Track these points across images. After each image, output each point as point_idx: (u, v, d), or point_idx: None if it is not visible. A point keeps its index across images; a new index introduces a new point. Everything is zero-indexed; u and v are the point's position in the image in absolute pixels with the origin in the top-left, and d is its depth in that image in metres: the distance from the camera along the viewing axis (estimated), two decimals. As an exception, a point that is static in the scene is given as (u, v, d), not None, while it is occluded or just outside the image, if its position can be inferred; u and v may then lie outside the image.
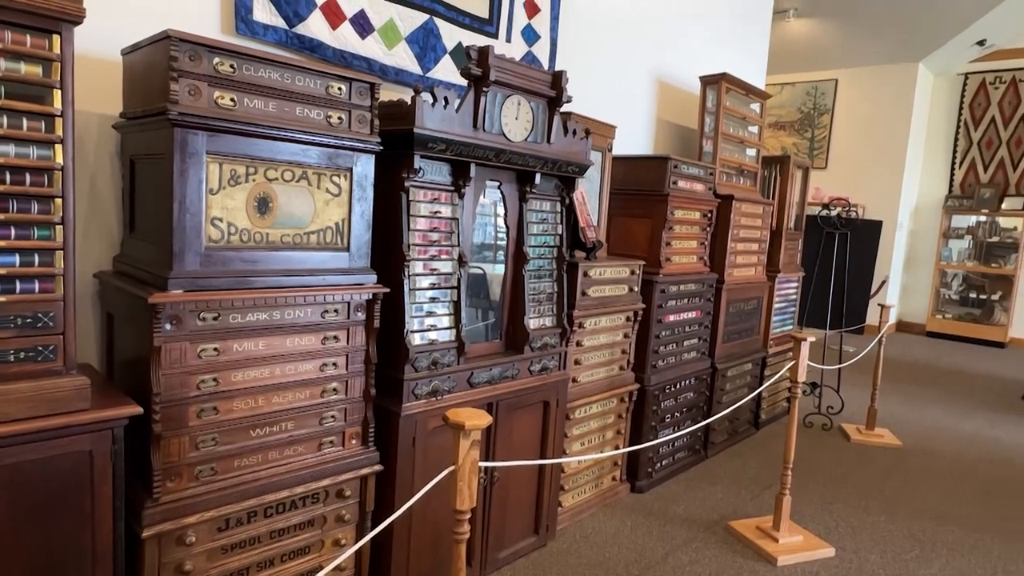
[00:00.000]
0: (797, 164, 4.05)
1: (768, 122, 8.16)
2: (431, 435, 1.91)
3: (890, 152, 7.36)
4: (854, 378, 4.94)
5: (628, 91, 3.45)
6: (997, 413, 4.63)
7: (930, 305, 7.62)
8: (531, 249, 2.20)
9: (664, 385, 3.01)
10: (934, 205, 7.70)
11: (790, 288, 4.07)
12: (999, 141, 7.28)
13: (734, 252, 3.39)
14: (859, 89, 7.57)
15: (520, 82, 1.98)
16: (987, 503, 3.11)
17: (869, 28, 6.67)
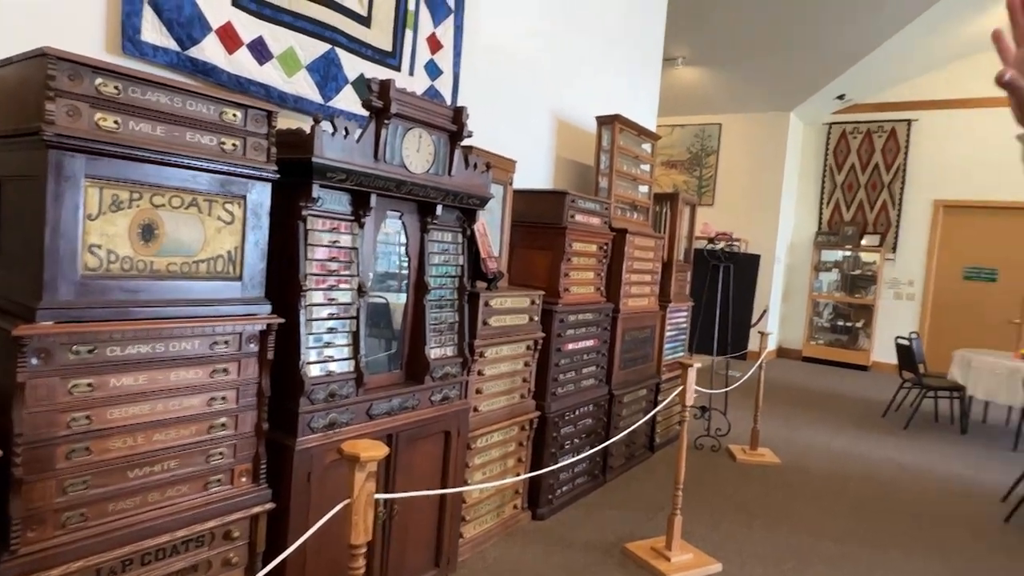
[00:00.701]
0: (686, 201, 4.33)
1: (661, 160, 8.69)
2: (328, 469, 1.86)
3: (768, 192, 8.03)
4: (740, 401, 5.27)
5: (529, 127, 3.58)
6: (863, 431, 5.08)
7: (805, 332, 8.29)
8: (432, 279, 2.22)
9: (564, 412, 3.09)
10: (807, 241, 8.43)
11: (681, 317, 4.31)
12: (858, 184, 8.12)
13: (629, 283, 3.56)
14: (740, 133, 8.23)
15: (422, 116, 2.02)
16: (856, 515, 3.39)
17: (748, 79, 7.31)
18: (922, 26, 6.13)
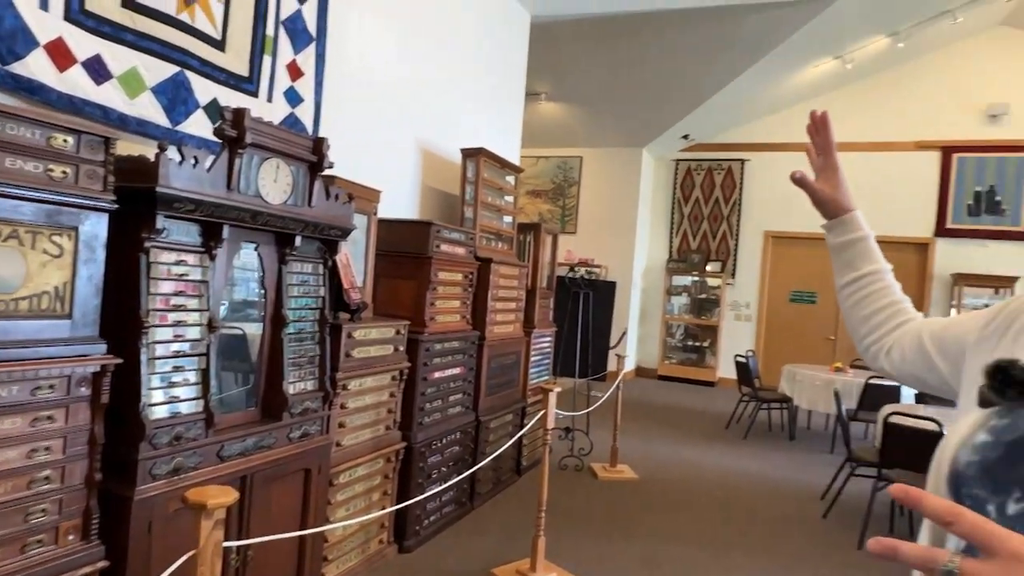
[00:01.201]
0: (548, 230, 4.54)
1: (527, 189, 9.02)
2: (172, 519, 1.73)
3: (625, 221, 8.59)
4: (603, 420, 5.54)
5: (395, 158, 3.59)
6: (709, 442, 5.53)
7: (660, 352, 8.89)
8: (291, 312, 2.16)
9: (430, 441, 3.09)
10: (660, 267, 9.09)
11: (545, 342, 4.48)
12: (702, 216, 8.92)
13: (494, 310, 3.65)
14: (600, 166, 8.76)
15: (279, 146, 1.98)
16: (702, 520, 3.68)
17: (604, 117, 7.82)
18: (751, 79, 6.91)
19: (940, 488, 0.72)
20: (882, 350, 1.02)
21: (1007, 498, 0.63)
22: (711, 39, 5.90)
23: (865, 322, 1.03)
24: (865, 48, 7.12)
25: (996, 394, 0.70)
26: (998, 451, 0.67)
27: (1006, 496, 0.64)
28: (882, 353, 1.02)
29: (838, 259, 1.07)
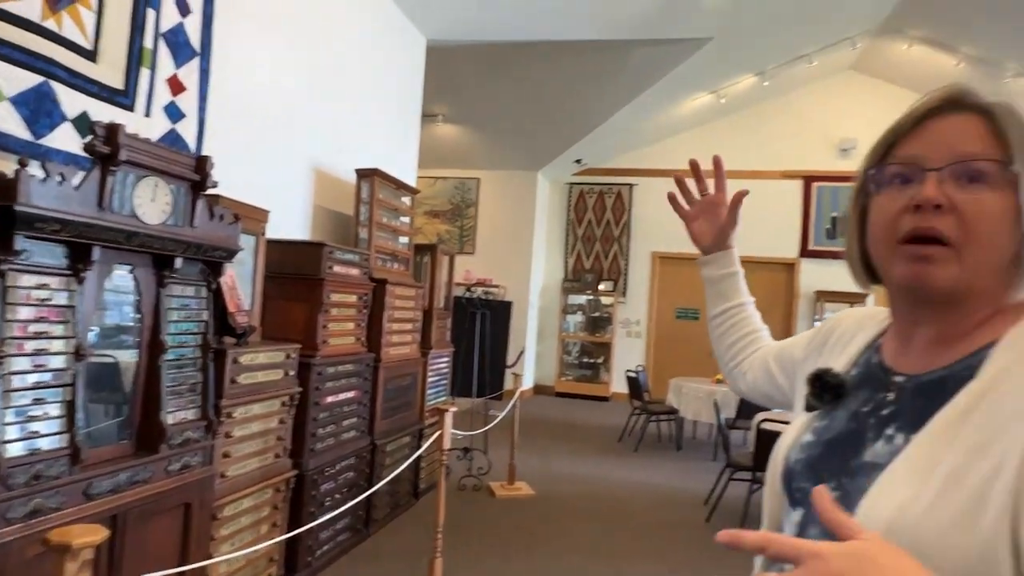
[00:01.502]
0: (444, 251, 4.57)
1: (425, 210, 9.02)
2: (32, 564, 1.58)
3: (522, 242, 8.79)
4: (501, 439, 5.60)
5: (286, 177, 3.51)
6: (603, 455, 5.73)
7: (557, 369, 9.12)
8: (171, 337, 2.06)
9: (323, 467, 3.01)
10: (556, 286, 9.35)
11: (442, 363, 4.49)
12: (595, 237, 9.29)
13: (390, 332, 3.63)
14: (497, 188, 8.93)
15: (158, 164, 1.90)
16: (597, 531, 3.80)
17: (500, 140, 8.01)
18: (638, 108, 7.34)
19: (776, 483, 0.82)
20: (740, 373, 1.13)
21: (828, 489, 0.73)
22: (601, 70, 6.22)
23: (729, 349, 1.14)
24: (736, 85, 7.77)
25: (816, 399, 0.81)
26: (819, 448, 0.78)
27: (827, 487, 0.74)
28: (739, 376, 1.14)
29: (712, 290, 1.16)
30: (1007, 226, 0.63)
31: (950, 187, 0.64)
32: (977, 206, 0.63)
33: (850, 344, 0.86)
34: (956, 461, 0.60)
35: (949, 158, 0.64)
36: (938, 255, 0.64)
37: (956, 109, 0.67)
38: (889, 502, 0.62)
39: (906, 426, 0.68)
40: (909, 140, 0.69)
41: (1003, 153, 0.63)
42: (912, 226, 0.64)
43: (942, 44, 7.12)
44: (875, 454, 0.69)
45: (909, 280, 0.67)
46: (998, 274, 0.66)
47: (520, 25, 5.10)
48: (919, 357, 0.72)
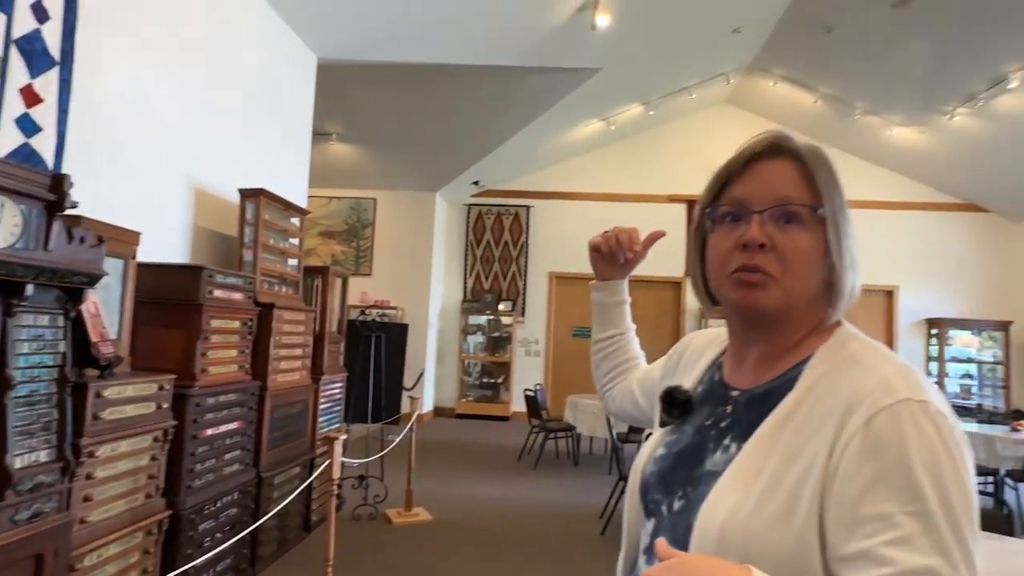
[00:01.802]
0: (337, 273, 4.46)
1: (319, 230, 8.78)
2: None
3: (420, 263, 8.73)
4: (398, 465, 5.48)
5: (161, 196, 3.30)
6: (503, 475, 5.75)
7: (457, 391, 9.08)
8: (19, 372, 1.87)
9: (202, 505, 2.82)
10: (455, 307, 9.35)
11: (335, 388, 4.35)
12: (494, 258, 9.40)
13: (278, 358, 3.48)
14: (394, 209, 8.84)
15: (4, 181, 1.73)
16: (495, 552, 3.80)
17: (397, 160, 7.96)
18: (534, 132, 7.54)
19: (635, 495, 0.87)
20: (610, 397, 1.20)
21: (673, 498, 0.79)
22: (498, 94, 6.35)
23: (607, 374, 1.21)
24: (624, 113, 8.18)
25: (666, 415, 0.87)
26: (669, 461, 0.83)
27: (673, 497, 0.79)
28: (610, 399, 1.21)
29: (600, 315, 1.21)
30: (818, 259, 0.73)
31: (771, 227, 0.73)
32: (792, 244, 0.72)
33: (698, 363, 0.93)
34: (776, 466, 0.67)
35: (770, 201, 0.74)
36: (760, 281, 0.73)
37: (776, 154, 0.76)
38: (722, 507, 0.68)
39: (739, 436, 0.75)
40: (738, 182, 0.78)
41: (813, 196, 0.73)
42: (741, 263, 0.74)
43: (802, 83, 7.86)
44: (714, 463, 0.75)
45: (739, 303, 0.75)
46: (812, 299, 0.75)
47: (414, 47, 5.12)
48: (750, 373, 0.80)
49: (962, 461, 0.61)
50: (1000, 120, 6.95)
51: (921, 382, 0.65)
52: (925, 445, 0.60)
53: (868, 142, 8.55)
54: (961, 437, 0.62)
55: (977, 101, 6.75)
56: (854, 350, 0.72)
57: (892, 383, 0.64)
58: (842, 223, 0.74)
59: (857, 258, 0.75)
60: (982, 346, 8.73)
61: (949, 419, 0.63)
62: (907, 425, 0.61)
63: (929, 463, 0.59)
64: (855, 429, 0.63)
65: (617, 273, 1.17)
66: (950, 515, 0.57)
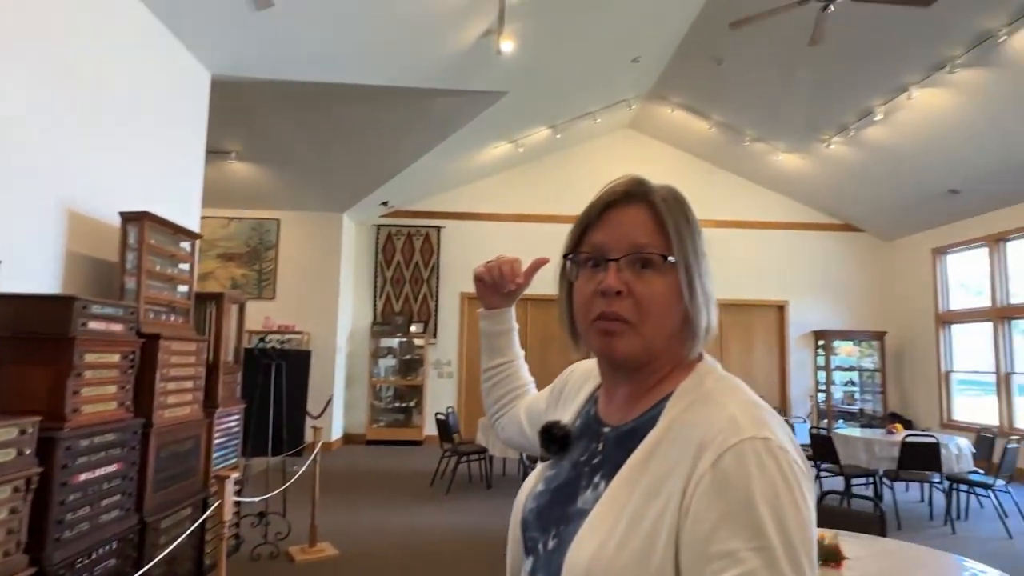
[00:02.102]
0: (233, 299, 4.24)
1: (218, 253, 8.36)
2: None
3: (327, 285, 8.48)
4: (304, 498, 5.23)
5: (26, 221, 3.02)
6: (415, 502, 5.62)
7: (367, 416, 8.83)
8: None
9: (74, 559, 2.57)
10: (365, 330, 9.13)
11: (231, 421, 4.11)
12: (404, 279, 9.28)
13: (164, 392, 3.25)
14: (299, 230, 8.56)
15: None
16: (401, 587, 3.68)
17: (301, 180, 7.72)
18: (443, 153, 7.54)
19: (516, 531, 0.86)
20: (500, 427, 1.19)
21: (548, 536, 0.78)
22: (406, 115, 6.31)
23: (497, 402, 1.19)
24: (532, 136, 8.35)
25: (545, 450, 0.87)
26: (547, 497, 0.83)
27: (548, 535, 0.78)
28: (500, 428, 1.20)
29: (488, 344, 1.19)
30: (674, 302, 0.76)
31: (627, 274, 0.75)
32: (648, 289, 0.75)
33: (578, 396, 0.94)
34: (637, 504, 0.68)
35: (625, 249, 0.76)
36: (620, 330, 0.75)
37: (631, 201, 0.79)
38: (588, 547, 0.68)
39: (607, 474, 0.75)
40: (596, 229, 0.80)
41: (665, 243, 0.76)
42: (600, 310, 0.76)
43: (697, 111, 8.32)
44: (584, 501, 0.76)
45: (601, 351, 0.78)
46: (671, 339, 0.77)
47: (316, 66, 5.00)
48: (619, 410, 0.81)
49: (800, 494, 0.63)
50: (868, 149, 7.63)
51: (766, 418, 0.68)
52: (767, 481, 0.62)
53: (758, 167, 9.14)
54: (801, 470, 0.65)
55: (849, 131, 7.38)
56: (709, 387, 0.75)
57: (739, 421, 0.67)
58: (695, 265, 0.76)
59: (712, 295, 0.78)
60: (862, 355, 9.46)
61: (790, 453, 0.65)
62: (751, 463, 0.63)
63: (771, 499, 0.61)
64: (705, 468, 0.65)
65: (503, 302, 1.15)
66: (789, 549, 0.60)
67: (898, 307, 9.57)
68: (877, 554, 2.17)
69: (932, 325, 8.93)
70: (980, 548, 4.59)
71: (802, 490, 0.64)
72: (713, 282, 0.78)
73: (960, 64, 5.72)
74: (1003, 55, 5.46)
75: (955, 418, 8.59)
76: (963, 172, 7.34)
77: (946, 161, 7.25)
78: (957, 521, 5.28)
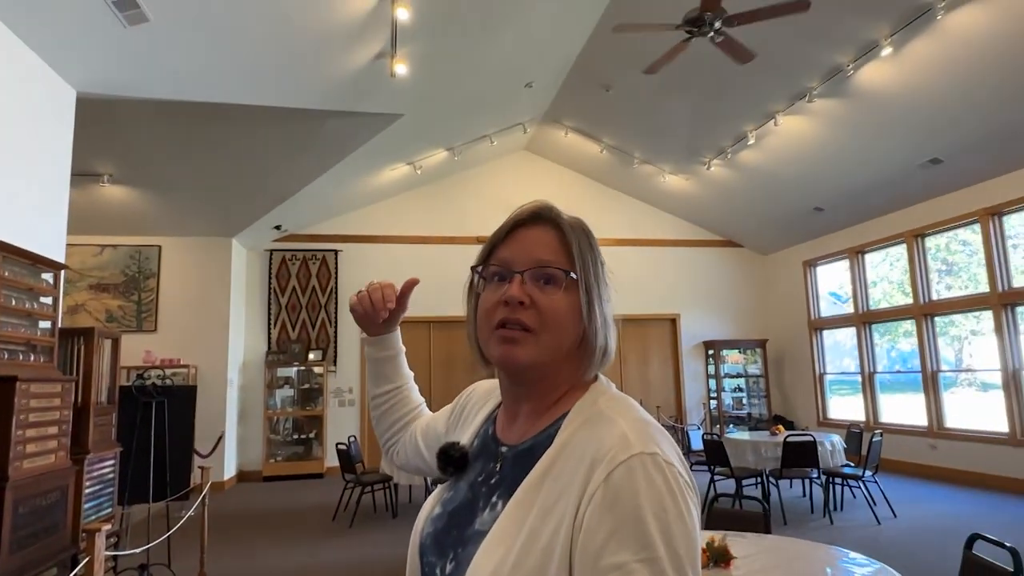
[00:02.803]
0: (105, 334, 3.91)
1: (90, 283, 7.70)
2: None
3: (216, 315, 8.00)
4: (191, 545, 4.86)
5: None
6: (315, 539, 5.36)
7: (264, 451, 8.37)
8: None
9: (-91, 640, 2.24)
10: (259, 360, 8.68)
11: (106, 468, 3.76)
12: (300, 305, 8.93)
13: (23, 441, 2.92)
14: (183, 256, 8.05)
15: None
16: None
17: (186, 204, 7.27)
18: (338, 176, 7.37)
19: (415, 558, 0.84)
20: (395, 451, 1.15)
21: (446, 561, 0.77)
22: (295, 137, 6.12)
23: (388, 429, 1.15)
24: (430, 158, 8.35)
25: (443, 472, 0.87)
26: (444, 520, 0.82)
27: (445, 559, 0.77)
28: (394, 454, 1.15)
29: (375, 370, 1.14)
30: (573, 319, 0.79)
31: (531, 287, 0.78)
32: (550, 302, 0.78)
33: (477, 416, 0.94)
34: (533, 522, 0.69)
35: (530, 263, 0.79)
36: (520, 338, 0.77)
37: (538, 222, 0.83)
38: (486, 567, 0.68)
39: (505, 493, 0.76)
40: (503, 246, 0.83)
41: (568, 261, 0.80)
42: (503, 317, 0.78)
43: (589, 134, 8.65)
44: (482, 522, 0.75)
45: (501, 359, 0.78)
46: (569, 356, 0.80)
47: (194, 85, 4.76)
48: (519, 429, 0.82)
49: (685, 505, 0.66)
50: (744, 170, 8.23)
51: (654, 435, 0.71)
52: (654, 494, 0.65)
53: (647, 187, 9.62)
54: (686, 483, 0.68)
55: (727, 154, 7.93)
56: (602, 407, 0.77)
57: (629, 438, 0.69)
58: (595, 288, 0.80)
59: (611, 321, 0.81)
60: (748, 361, 10.10)
61: (676, 467, 0.68)
62: (639, 477, 0.66)
63: (657, 511, 0.64)
64: (597, 484, 0.67)
65: (384, 328, 1.13)
66: (675, 559, 0.63)
67: (776, 316, 10.32)
68: (763, 551, 2.30)
69: (806, 331, 9.70)
70: (854, 535, 4.99)
71: (687, 502, 0.67)
72: (612, 310, 0.82)
73: (817, 94, 6.32)
74: (852, 87, 6.09)
75: (830, 416, 9.34)
76: (825, 191, 8.08)
77: (810, 181, 7.96)
78: (834, 512, 5.71)
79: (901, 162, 6.96)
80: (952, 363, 7.64)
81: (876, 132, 6.61)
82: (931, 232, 7.70)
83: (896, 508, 5.73)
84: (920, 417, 7.74)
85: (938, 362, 7.63)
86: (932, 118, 6.13)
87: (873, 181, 7.48)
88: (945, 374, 7.59)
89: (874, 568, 2.07)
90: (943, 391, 7.57)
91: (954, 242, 7.61)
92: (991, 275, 6.84)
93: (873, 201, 7.95)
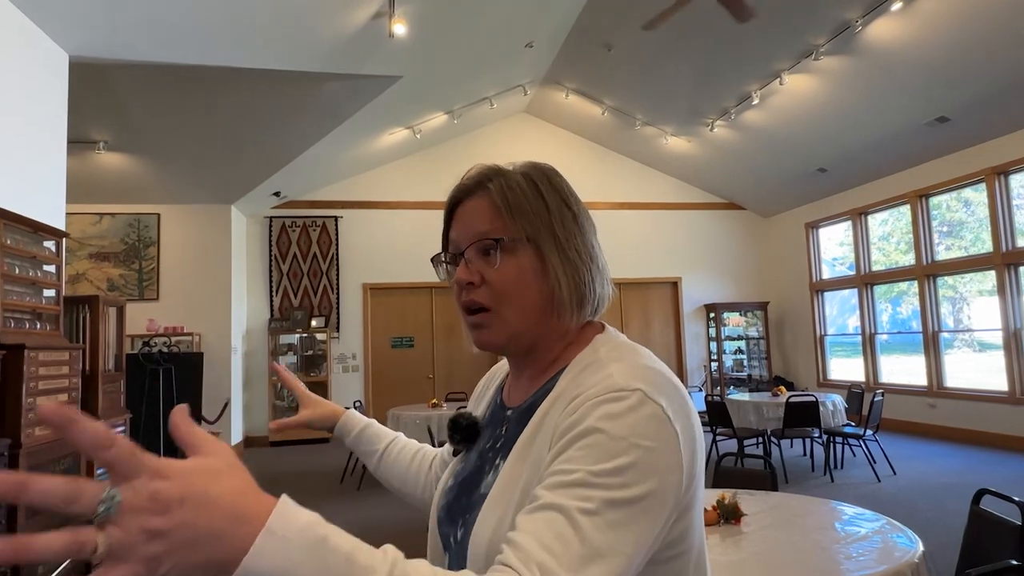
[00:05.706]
0: (109, 302, 3.91)
1: (91, 252, 7.68)
2: None
3: (218, 282, 7.99)
4: (203, 507, 4.94)
5: None
6: (326, 500, 5.45)
7: (269, 417, 8.45)
8: None
9: (-66, 602, 2.29)
10: (262, 327, 8.71)
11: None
12: (302, 272, 8.91)
13: (34, 408, 2.94)
14: (183, 224, 7.99)
15: None
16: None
17: (184, 171, 7.19)
18: (337, 141, 7.27)
19: (434, 532, 0.84)
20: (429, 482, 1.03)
21: (457, 528, 0.77)
22: (293, 100, 6.01)
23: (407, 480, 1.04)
24: (429, 122, 8.22)
25: (452, 443, 0.87)
26: (455, 491, 0.82)
27: (456, 527, 0.78)
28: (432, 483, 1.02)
29: (360, 450, 1.08)
30: (529, 279, 0.75)
31: (478, 263, 0.76)
32: (499, 275, 0.74)
33: (489, 390, 0.93)
34: (528, 475, 0.68)
35: (470, 238, 0.76)
36: (484, 321, 0.76)
37: (471, 193, 0.79)
38: (488, 525, 0.68)
39: (507, 453, 0.75)
40: (452, 227, 0.81)
41: (505, 225, 0.75)
42: (462, 301, 0.77)
43: (590, 96, 8.51)
44: (487, 485, 0.75)
45: (476, 344, 0.79)
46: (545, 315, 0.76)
47: (189, 48, 4.65)
48: (522, 391, 0.81)
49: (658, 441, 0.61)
50: (747, 131, 8.12)
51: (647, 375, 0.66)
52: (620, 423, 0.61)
53: (649, 150, 9.51)
54: (671, 423, 0.63)
55: (730, 115, 7.82)
56: (601, 354, 0.73)
57: (613, 378, 0.65)
58: (546, 237, 0.75)
59: (587, 258, 0.76)
60: (748, 324, 10.14)
61: (663, 406, 0.63)
62: (606, 407, 0.62)
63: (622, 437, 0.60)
64: (566, 418, 0.65)
65: (327, 423, 1.07)
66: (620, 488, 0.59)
67: (778, 278, 10.32)
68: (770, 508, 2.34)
69: (807, 293, 9.71)
70: (855, 492, 5.08)
71: (662, 439, 0.62)
72: (590, 246, 0.77)
73: (824, 52, 6.19)
74: (860, 43, 5.96)
75: (830, 377, 9.42)
76: (829, 152, 7.99)
77: (814, 142, 7.86)
78: (835, 471, 5.80)
79: (908, 121, 6.86)
80: (951, 325, 7.68)
81: (884, 90, 6.50)
82: (935, 192, 7.65)
83: (895, 466, 5.82)
84: (920, 377, 7.80)
85: (939, 323, 7.66)
86: (942, 73, 6.03)
87: (878, 141, 7.39)
88: (945, 335, 7.63)
89: (880, 523, 2.11)
90: (943, 351, 7.61)
91: (957, 201, 7.57)
92: (995, 235, 6.81)
93: (877, 161, 7.87)
